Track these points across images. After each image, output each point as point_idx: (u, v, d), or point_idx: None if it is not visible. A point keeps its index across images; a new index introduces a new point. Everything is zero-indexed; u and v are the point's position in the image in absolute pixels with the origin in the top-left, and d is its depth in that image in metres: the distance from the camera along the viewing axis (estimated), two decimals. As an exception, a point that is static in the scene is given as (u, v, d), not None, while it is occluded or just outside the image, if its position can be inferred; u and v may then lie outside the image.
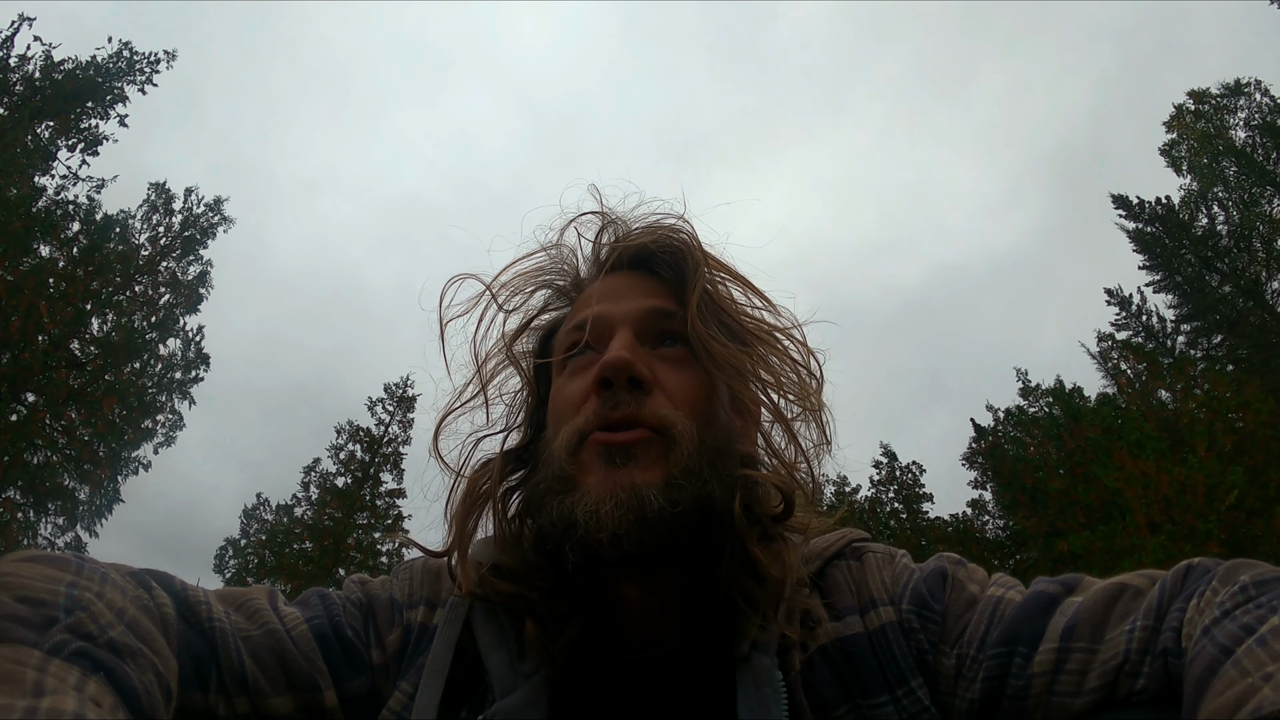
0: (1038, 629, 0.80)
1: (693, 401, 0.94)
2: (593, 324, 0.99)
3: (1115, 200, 22.53)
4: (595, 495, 0.86)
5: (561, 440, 0.92)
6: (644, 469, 0.87)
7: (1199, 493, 13.14)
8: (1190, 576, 0.75)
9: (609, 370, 0.91)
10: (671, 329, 0.99)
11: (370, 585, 1.01)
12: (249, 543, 22.62)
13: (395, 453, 23.47)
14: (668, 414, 0.91)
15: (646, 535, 0.84)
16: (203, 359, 18.96)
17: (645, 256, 1.05)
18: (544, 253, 1.13)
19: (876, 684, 0.87)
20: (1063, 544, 15.79)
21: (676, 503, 0.86)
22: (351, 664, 0.90)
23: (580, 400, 0.95)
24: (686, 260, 1.01)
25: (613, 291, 1.02)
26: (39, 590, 0.62)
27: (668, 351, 0.99)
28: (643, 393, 0.92)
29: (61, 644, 0.58)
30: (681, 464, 0.88)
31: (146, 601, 0.74)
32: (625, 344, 0.94)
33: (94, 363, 16.50)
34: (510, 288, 1.11)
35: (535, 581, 0.93)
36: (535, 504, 0.94)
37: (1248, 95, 22.14)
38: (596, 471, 0.88)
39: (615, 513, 0.84)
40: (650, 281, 1.04)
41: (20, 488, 14.83)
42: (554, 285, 1.13)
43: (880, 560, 0.98)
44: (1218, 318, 20.56)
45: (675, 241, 1.03)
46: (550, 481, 0.92)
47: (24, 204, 15.57)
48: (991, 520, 23.38)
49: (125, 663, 0.62)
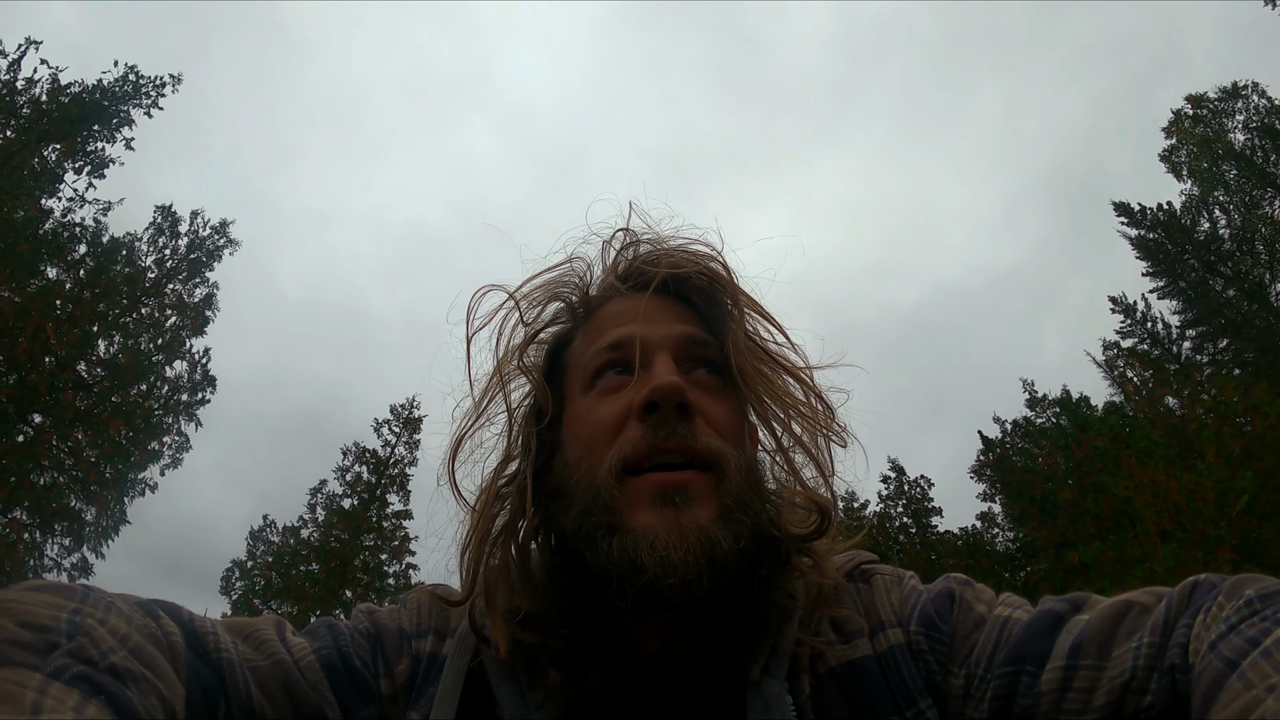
0: (1045, 647, 0.80)
1: (732, 430, 0.95)
2: (626, 345, 0.97)
3: (1117, 207, 22.56)
4: (662, 539, 0.84)
5: (606, 468, 0.90)
6: (701, 506, 0.87)
7: (1209, 499, 13.05)
8: (1196, 592, 0.75)
9: (660, 395, 0.89)
10: (707, 357, 0.99)
11: (378, 615, 1.00)
12: (255, 564, 22.61)
13: (401, 474, 23.49)
14: (718, 445, 0.90)
15: (718, 575, 0.84)
16: (209, 381, 19.02)
17: (678, 282, 1.03)
18: (569, 264, 1.11)
19: (885, 706, 0.87)
20: (1074, 555, 15.66)
21: (739, 537, 0.86)
22: (360, 695, 0.90)
23: (618, 424, 0.93)
24: (722, 292, 1.01)
25: (645, 314, 1.00)
26: (41, 616, 0.62)
27: (703, 378, 0.98)
28: (689, 419, 0.90)
29: (62, 668, 0.58)
30: (732, 495, 0.88)
31: (153, 630, 0.74)
32: (670, 368, 0.93)
33: (101, 384, 16.55)
34: (529, 299, 1.09)
35: (558, 628, 0.92)
36: (580, 539, 0.91)
37: (1245, 98, 22.22)
38: (650, 510, 0.87)
39: (688, 558, 0.83)
40: (680, 308, 1.03)
41: (27, 509, 14.85)
42: (565, 299, 1.10)
43: (888, 582, 0.98)
44: (1223, 322, 20.51)
45: (712, 271, 1.03)
46: (592, 513, 0.90)
47: (31, 226, 15.73)
48: (1001, 533, 23.30)
49: (127, 687, 0.62)
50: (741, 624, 0.93)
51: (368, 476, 23.30)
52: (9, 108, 16.65)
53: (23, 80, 17.31)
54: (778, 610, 0.92)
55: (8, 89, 16.90)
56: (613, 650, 0.93)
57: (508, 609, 0.94)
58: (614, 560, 0.86)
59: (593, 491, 0.89)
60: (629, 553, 0.85)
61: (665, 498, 0.86)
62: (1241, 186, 21.48)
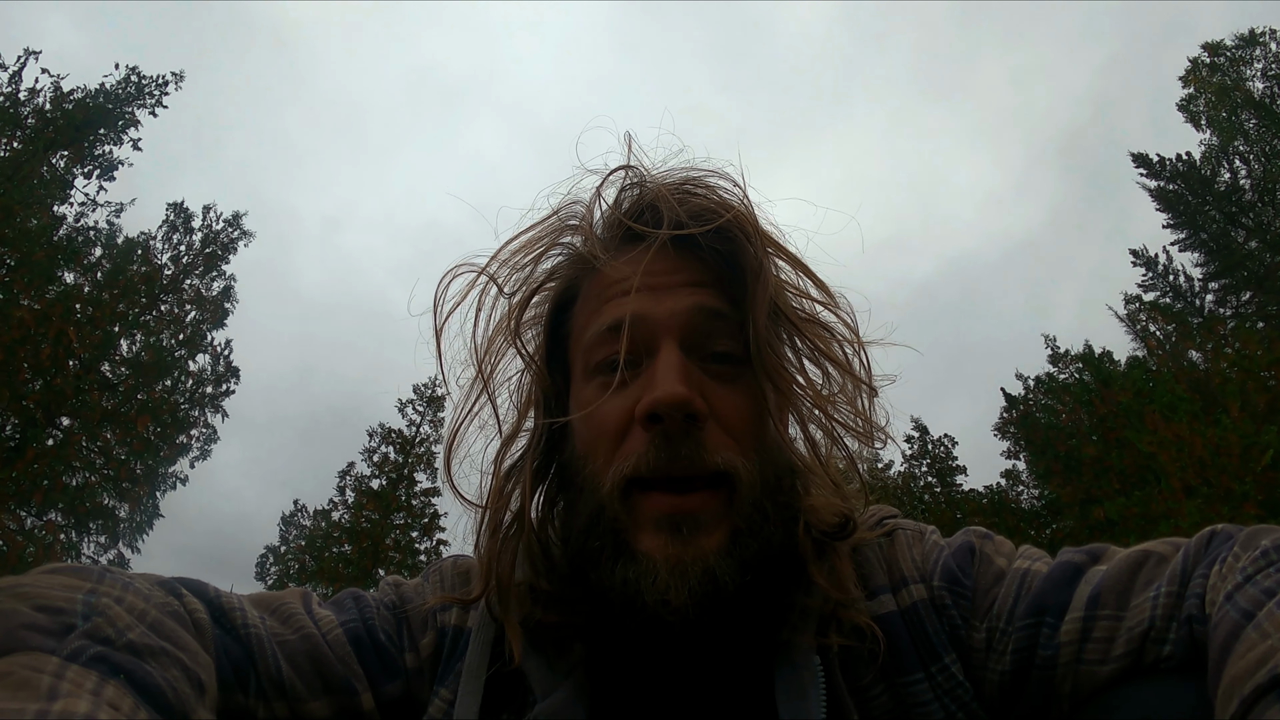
0: (1064, 599, 0.80)
1: (752, 429, 0.88)
2: (630, 329, 0.87)
3: (1135, 159, 22.01)
4: (663, 574, 0.81)
5: (610, 484, 0.85)
6: (709, 532, 0.83)
7: (1234, 454, 12.92)
8: (1213, 543, 0.75)
9: (662, 409, 0.82)
10: (724, 337, 0.89)
11: (404, 587, 0.99)
12: (289, 549, 22.96)
13: (428, 452, 23.61)
14: (730, 459, 0.84)
15: (717, 606, 0.82)
16: (232, 372, 19.20)
17: (685, 229, 0.89)
18: (555, 216, 1.00)
19: (911, 662, 0.87)
20: (1098, 511, 15.60)
21: (746, 567, 0.83)
22: (385, 669, 0.89)
23: (620, 428, 0.87)
24: (742, 245, 0.88)
25: (649, 279, 0.88)
26: (57, 599, 0.63)
27: (719, 369, 0.89)
28: (698, 427, 0.84)
29: (80, 650, 0.59)
30: (745, 513, 0.84)
31: (175, 606, 0.74)
32: (677, 370, 0.84)
33: (126, 383, 16.78)
34: (511, 264, 0.99)
35: (579, 608, 0.91)
36: (584, 557, 0.88)
37: (1263, 45, 21.51)
38: (656, 535, 0.83)
39: (689, 599, 0.80)
40: (693, 263, 0.91)
41: (61, 510, 15.14)
42: (567, 246, 1.00)
43: (910, 538, 0.97)
44: (1245, 274, 20.06)
45: (728, 217, 0.88)
46: (595, 533, 0.87)
47: (45, 234, 15.87)
48: (1026, 490, 23.16)
49: (146, 662, 0.62)
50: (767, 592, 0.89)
51: (395, 456, 23.46)
52: (14, 119, 16.71)
53: (25, 91, 17.39)
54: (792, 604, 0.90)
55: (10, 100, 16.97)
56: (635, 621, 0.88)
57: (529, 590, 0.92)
58: (615, 587, 0.84)
59: (598, 506, 0.86)
60: (629, 583, 0.83)
61: (673, 526, 0.82)
62: (1261, 136, 20.88)
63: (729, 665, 0.89)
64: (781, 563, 0.89)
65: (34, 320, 14.29)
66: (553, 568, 0.95)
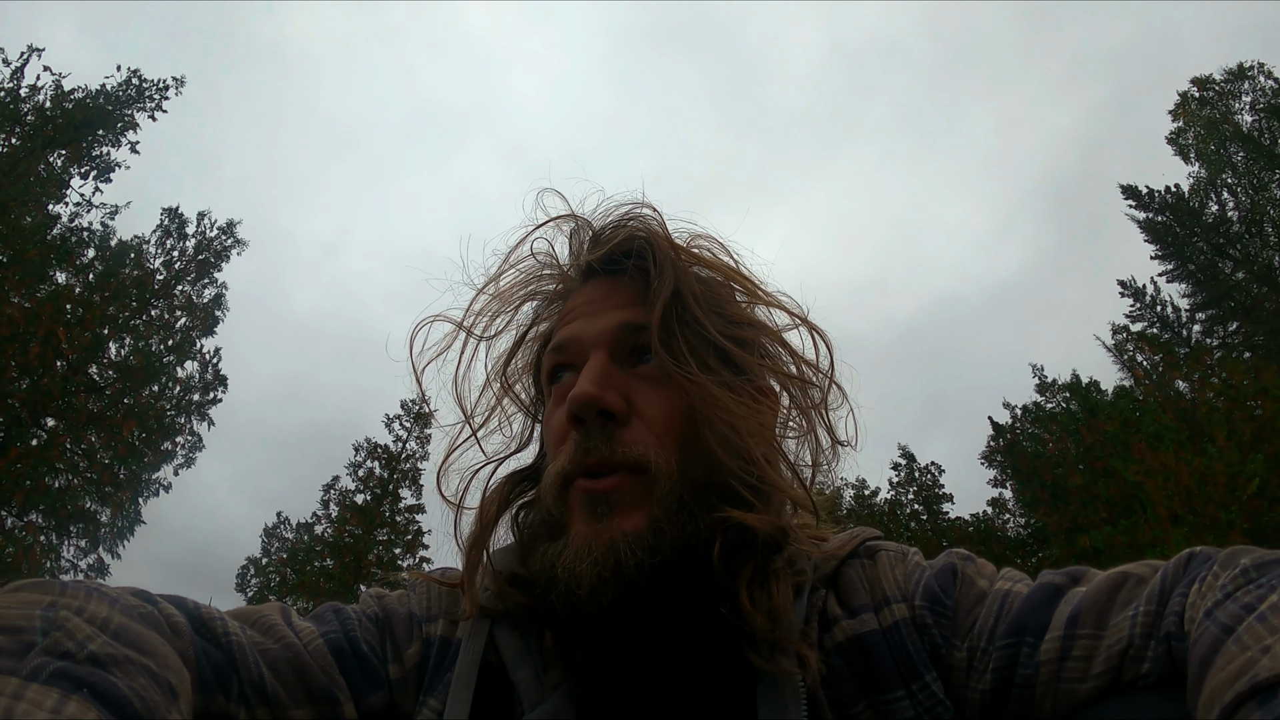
0: (1044, 619, 0.82)
1: (673, 426, 0.92)
2: (565, 348, 0.97)
3: (1124, 190, 22.27)
4: (575, 549, 0.86)
5: (547, 483, 0.93)
6: (626, 515, 0.86)
7: (1220, 482, 12.99)
8: (1192, 563, 0.77)
9: (576, 408, 0.89)
10: (647, 343, 0.95)
11: (387, 599, 1.00)
12: (270, 561, 22.74)
13: (414, 468, 23.51)
14: (641, 450, 0.88)
15: (625, 590, 0.83)
16: (220, 380, 19.08)
17: (614, 260, 1.00)
18: (512, 269, 1.09)
19: (892, 679, 0.88)
20: (1085, 540, 15.61)
21: (657, 551, 0.85)
22: (368, 679, 0.89)
23: (563, 433, 0.93)
24: (650, 259, 0.97)
25: (587, 305, 0.99)
26: (14, 618, 0.61)
27: (645, 370, 0.95)
28: (616, 425, 0.90)
29: (40, 667, 0.57)
30: (663, 502, 0.87)
31: (146, 610, 0.73)
32: (594, 373, 0.91)
33: (113, 387, 16.63)
34: (488, 311, 1.08)
35: (548, 591, 0.91)
36: (529, 542, 0.94)
37: (1251, 79, 21.91)
38: (581, 520, 0.88)
39: (591, 570, 0.83)
40: (625, 288, 1.00)
41: (43, 511, 14.96)
42: (542, 292, 1.09)
43: (893, 559, 0.98)
44: (1232, 305, 20.27)
45: (638, 238, 0.99)
46: (543, 520, 0.92)
47: (39, 232, 15.80)
48: (1012, 518, 23.20)
49: (111, 673, 0.60)
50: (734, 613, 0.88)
51: (380, 471, 23.34)
52: (13, 115, 16.70)
53: (26, 88, 17.38)
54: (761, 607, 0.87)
55: (11, 96, 16.96)
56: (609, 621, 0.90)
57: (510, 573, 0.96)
58: (540, 568, 0.89)
59: (545, 503, 0.93)
60: (549, 562, 0.87)
61: (591, 506, 0.88)
62: (1249, 168, 21.18)
63: (712, 680, 0.90)
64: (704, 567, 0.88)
65: (23, 318, 14.20)
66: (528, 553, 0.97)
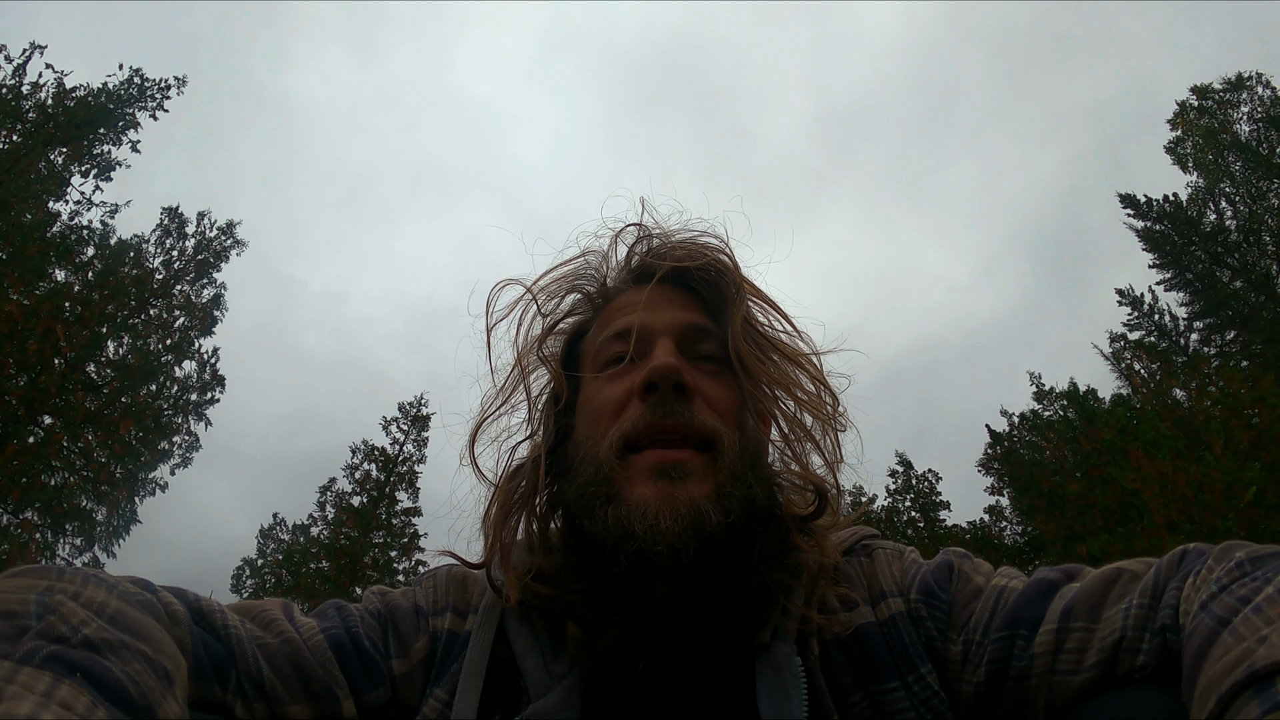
0: (1038, 612, 0.84)
1: (732, 411, 0.98)
2: (636, 333, 1.02)
3: (1123, 199, 22.31)
4: (653, 509, 0.89)
5: (608, 443, 0.95)
6: (697, 482, 0.91)
7: (1217, 491, 12.97)
8: (1186, 558, 0.78)
9: (657, 374, 0.94)
10: (709, 344, 1.03)
11: (391, 596, 1.02)
12: (266, 563, 22.66)
13: (410, 471, 23.45)
14: (714, 424, 0.94)
15: (704, 547, 0.88)
16: (218, 380, 19.04)
17: (684, 273, 1.07)
18: (582, 258, 1.16)
19: (889, 670, 0.90)
20: (1082, 547, 15.57)
21: (729, 512, 0.90)
22: (369, 676, 0.90)
23: (621, 404, 0.97)
24: (726, 282, 1.05)
25: (651, 303, 1.04)
26: (10, 602, 0.61)
27: (705, 366, 1.02)
28: (687, 399, 0.95)
29: (33, 651, 0.57)
30: (727, 474, 0.92)
31: (144, 598, 0.73)
32: (670, 351, 0.98)
33: (110, 385, 16.59)
34: (547, 291, 1.14)
35: (573, 584, 0.96)
36: (579, 507, 0.96)
37: (1250, 89, 21.96)
38: (647, 484, 0.91)
39: (675, 527, 0.87)
40: (687, 297, 1.07)
41: (39, 509, 14.89)
42: (583, 290, 1.16)
43: (890, 556, 1.02)
44: (1230, 314, 20.29)
45: (717, 262, 1.06)
46: (593, 485, 0.94)
47: (39, 229, 15.76)
48: (1009, 526, 23.19)
49: (105, 657, 0.60)
50: (746, 594, 0.96)
51: (376, 474, 23.28)
52: (15, 112, 16.70)
53: (28, 85, 17.35)
54: (777, 584, 0.94)
55: (13, 93, 16.97)
56: (626, 608, 0.95)
57: (525, 568, 0.98)
58: (608, 527, 0.91)
59: (595, 465, 0.95)
60: (622, 520, 0.90)
61: (662, 472, 0.91)
62: (1247, 178, 21.23)
63: (714, 668, 0.93)
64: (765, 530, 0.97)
65: (22, 315, 14.14)
66: (549, 548, 1.01)
